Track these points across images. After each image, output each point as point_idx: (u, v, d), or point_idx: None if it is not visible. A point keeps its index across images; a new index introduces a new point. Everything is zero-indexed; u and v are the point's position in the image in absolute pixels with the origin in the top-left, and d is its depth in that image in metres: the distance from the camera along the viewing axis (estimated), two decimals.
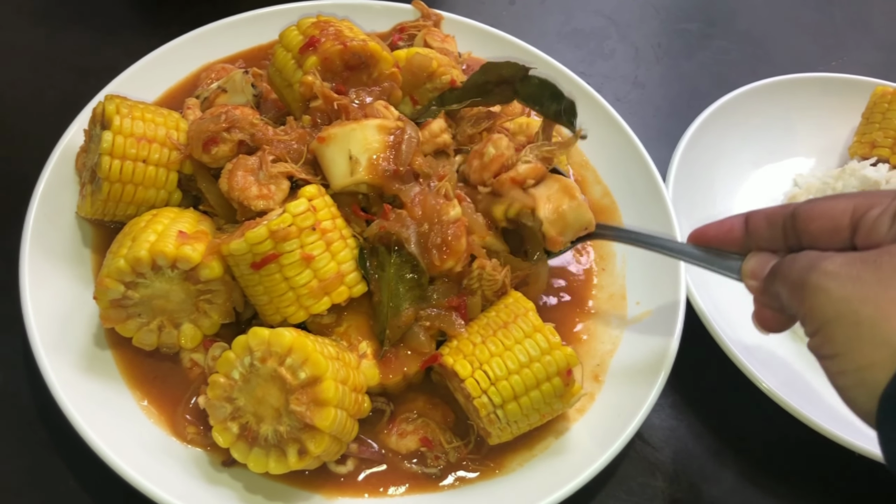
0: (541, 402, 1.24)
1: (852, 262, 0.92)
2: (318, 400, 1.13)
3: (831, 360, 0.93)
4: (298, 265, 1.23)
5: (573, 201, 1.35)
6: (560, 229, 1.34)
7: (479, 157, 1.39)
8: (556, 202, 1.35)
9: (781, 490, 1.42)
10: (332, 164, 1.31)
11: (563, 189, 1.37)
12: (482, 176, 1.38)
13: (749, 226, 1.13)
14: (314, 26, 1.47)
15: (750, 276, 1.12)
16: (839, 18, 2.31)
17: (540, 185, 1.37)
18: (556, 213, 1.34)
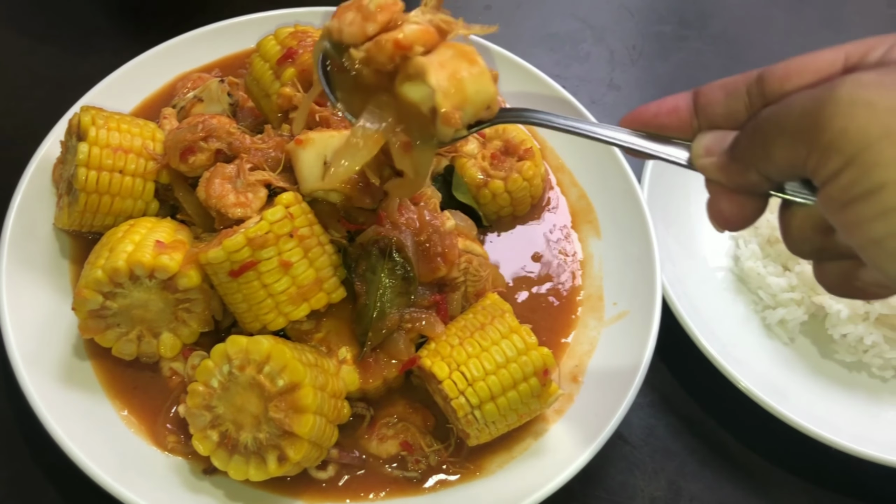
0: (518, 403, 1.25)
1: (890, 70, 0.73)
2: (296, 406, 1.14)
3: (865, 202, 0.71)
4: (276, 272, 1.24)
5: (474, 67, 1.06)
6: (457, 101, 1.04)
7: (356, 8, 1.08)
8: (452, 68, 1.04)
9: (759, 487, 1.44)
10: (305, 166, 1.32)
11: (461, 54, 1.06)
12: (363, 29, 1.06)
13: (700, 100, 0.92)
14: (292, 37, 1.47)
15: (704, 154, 0.90)
16: (812, 18, 2.33)
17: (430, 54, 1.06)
18: (453, 80, 1.03)
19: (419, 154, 1.11)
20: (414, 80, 1.05)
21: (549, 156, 1.72)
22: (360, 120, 1.10)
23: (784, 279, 1.60)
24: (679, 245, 1.65)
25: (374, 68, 1.08)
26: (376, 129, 1.09)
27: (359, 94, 1.12)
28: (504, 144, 1.60)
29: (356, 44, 1.07)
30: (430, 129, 1.07)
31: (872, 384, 1.56)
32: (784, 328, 1.58)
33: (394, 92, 1.08)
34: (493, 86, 1.07)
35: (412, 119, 1.08)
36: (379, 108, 1.10)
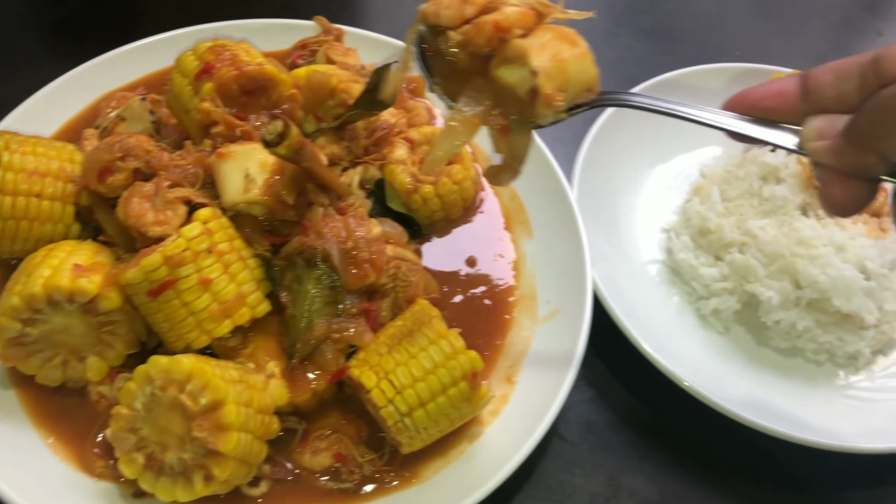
0: (448, 408, 1.25)
1: None
2: (219, 425, 1.13)
3: None
4: (196, 290, 1.23)
5: (576, 48, 1.05)
6: (560, 83, 1.03)
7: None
8: (553, 49, 1.04)
9: (699, 477, 1.45)
10: (226, 179, 1.31)
11: (562, 35, 1.06)
12: (461, 11, 1.06)
13: (809, 84, 0.92)
14: (210, 51, 1.46)
15: (816, 137, 0.89)
16: (741, 9, 2.36)
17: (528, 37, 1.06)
18: (555, 61, 1.02)
19: (517, 138, 1.10)
20: (511, 63, 1.04)
21: (481, 158, 1.72)
22: (458, 104, 1.10)
23: (716, 269, 1.61)
24: (611, 242, 1.66)
25: (471, 51, 1.08)
26: (474, 113, 1.10)
27: (454, 77, 1.12)
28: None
29: (454, 26, 1.07)
30: (527, 112, 1.06)
31: (807, 369, 1.57)
32: (718, 318, 1.59)
33: (489, 75, 1.07)
34: (594, 68, 1.06)
35: (509, 102, 1.07)
36: (476, 92, 1.09)
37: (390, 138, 1.57)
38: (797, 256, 1.53)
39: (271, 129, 1.21)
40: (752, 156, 1.73)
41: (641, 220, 1.73)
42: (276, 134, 1.21)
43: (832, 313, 1.54)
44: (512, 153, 1.12)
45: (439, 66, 1.13)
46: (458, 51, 1.09)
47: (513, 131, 1.10)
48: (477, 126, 1.10)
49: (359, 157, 1.54)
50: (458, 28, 1.07)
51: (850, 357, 1.58)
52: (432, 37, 1.11)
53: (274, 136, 1.21)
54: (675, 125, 1.83)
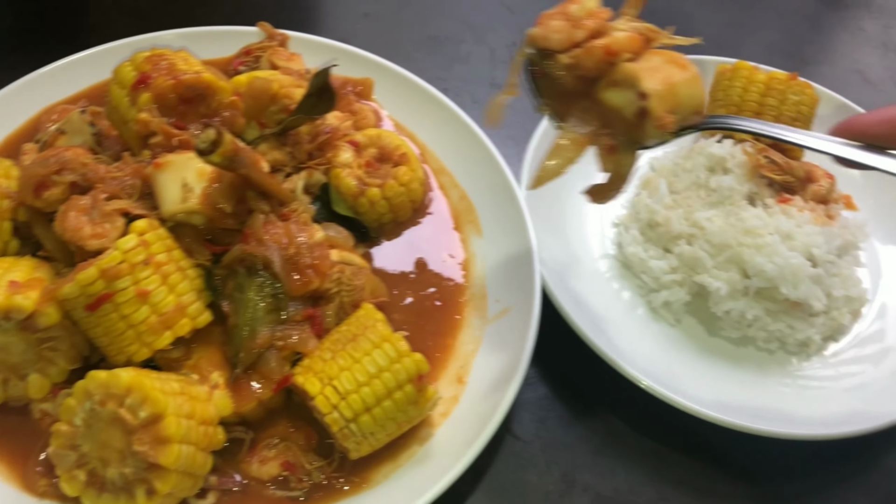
0: (395, 411, 1.24)
1: None
2: (159, 438, 1.12)
3: None
4: (134, 302, 1.21)
5: (686, 72, 1.12)
6: (670, 106, 1.09)
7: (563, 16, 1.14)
8: (664, 73, 1.10)
9: (653, 471, 1.45)
10: (164, 189, 1.30)
11: (671, 60, 1.13)
12: (571, 35, 1.13)
13: None
14: (147, 61, 1.44)
15: None
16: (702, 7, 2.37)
17: (638, 60, 1.13)
18: (666, 85, 1.08)
19: (622, 157, 1.17)
20: (619, 86, 1.11)
21: (430, 159, 1.72)
22: (568, 124, 1.19)
23: (665, 262, 1.61)
24: (561, 238, 1.66)
25: (578, 74, 1.14)
26: (582, 133, 1.18)
27: (560, 98, 1.20)
28: (379, 151, 1.60)
29: (563, 50, 1.13)
30: (633, 133, 1.12)
31: (759, 357, 1.58)
32: (669, 310, 1.60)
33: (596, 97, 1.14)
34: (703, 91, 1.11)
35: (616, 123, 1.14)
36: (583, 113, 1.17)
37: (334, 142, 1.57)
38: (744, 246, 1.54)
39: (204, 137, 1.20)
40: (698, 147, 1.74)
41: (593, 216, 1.73)
42: (209, 142, 1.20)
43: (781, 301, 1.55)
44: (618, 172, 1.20)
45: (546, 88, 1.21)
46: (565, 73, 1.15)
47: (619, 151, 1.17)
48: (585, 145, 1.18)
49: (303, 162, 1.53)
50: (566, 52, 1.13)
51: (801, 344, 1.58)
52: (540, 59, 1.17)
53: (207, 145, 1.20)
54: None
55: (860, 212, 1.80)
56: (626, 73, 1.09)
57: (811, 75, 1.81)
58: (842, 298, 1.59)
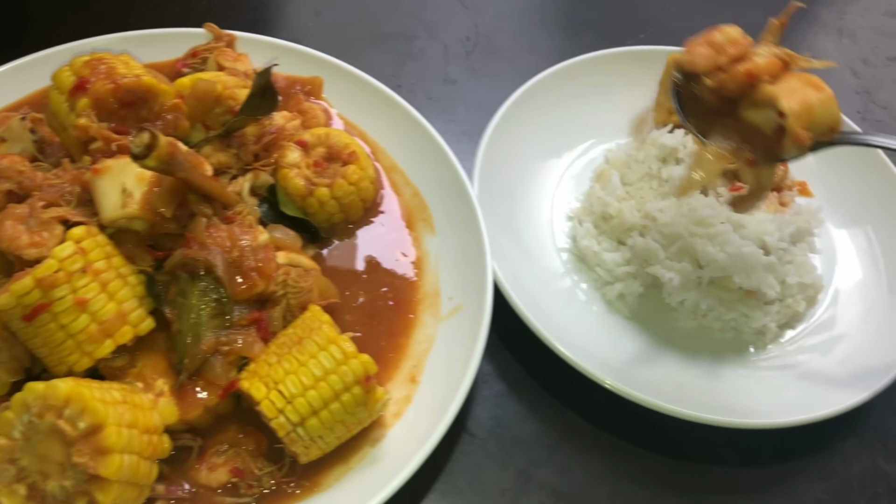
0: (343, 414, 1.23)
1: None
2: (100, 448, 1.09)
3: None
4: (72, 311, 1.19)
5: (822, 93, 1.25)
6: (806, 124, 1.23)
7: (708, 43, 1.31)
8: (801, 94, 1.24)
9: (610, 464, 1.44)
10: (103, 196, 1.28)
11: (808, 82, 1.27)
12: (715, 61, 1.29)
13: None
14: (86, 65, 1.42)
15: None
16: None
17: (777, 83, 1.28)
18: (803, 104, 1.23)
19: (762, 170, 1.31)
20: (759, 106, 1.27)
21: (382, 157, 1.70)
22: (711, 139, 1.35)
23: (618, 254, 1.61)
24: (516, 234, 1.65)
25: (721, 95, 1.30)
26: (724, 148, 1.33)
27: (703, 115, 1.36)
28: (327, 151, 1.58)
29: (707, 73, 1.29)
30: (773, 149, 1.26)
31: (716, 347, 1.58)
32: (623, 302, 1.59)
33: (737, 115, 1.30)
34: (838, 111, 1.25)
35: (755, 139, 1.28)
36: (725, 130, 1.33)
37: (281, 142, 1.55)
38: (696, 236, 1.53)
39: (138, 141, 1.18)
40: (651, 138, 1.73)
41: (550, 210, 1.72)
42: (144, 146, 1.18)
43: (734, 290, 1.55)
44: (758, 183, 1.33)
45: (691, 108, 1.37)
46: (709, 94, 1.31)
47: (758, 164, 1.31)
48: (727, 160, 1.33)
49: (249, 163, 1.51)
50: (711, 75, 1.29)
51: (758, 332, 1.58)
52: (686, 82, 1.34)
53: (141, 149, 1.18)
54: (580, 112, 1.86)
55: (815, 198, 1.80)
56: (766, 95, 1.23)
57: None
58: (796, 286, 1.59)
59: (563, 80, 1.87)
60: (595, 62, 1.92)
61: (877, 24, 2.44)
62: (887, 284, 1.66)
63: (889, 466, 1.50)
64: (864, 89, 2.24)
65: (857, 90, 2.23)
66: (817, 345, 1.60)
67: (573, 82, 1.88)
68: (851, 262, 1.73)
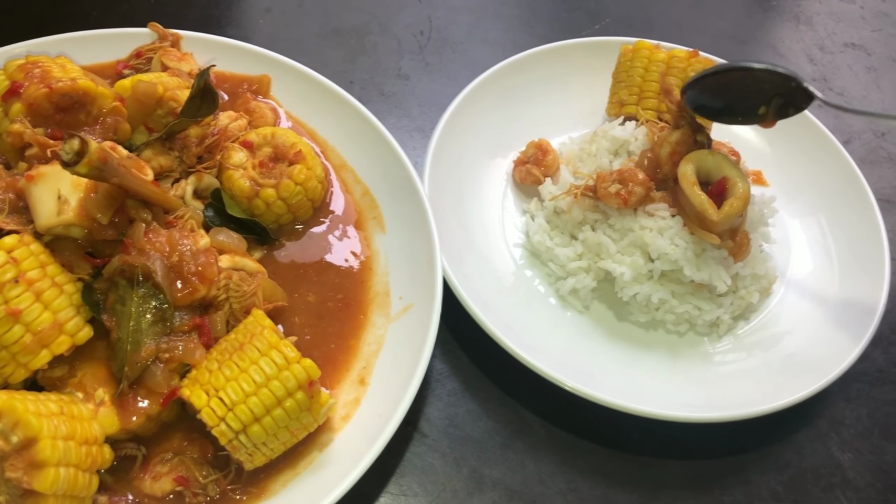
0: (287, 419, 1.21)
1: None
2: (34, 462, 1.07)
3: None
4: (5, 322, 1.17)
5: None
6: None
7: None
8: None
9: (565, 461, 1.43)
10: (38, 202, 1.25)
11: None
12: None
13: None
14: (20, 69, 1.39)
15: None
16: None
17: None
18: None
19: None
20: None
21: (331, 155, 1.68)
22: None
23: (571, 249, 1.60)
24: (468, 230, 1.63)
25: None
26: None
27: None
28: (273, 150, 1.56)
29: None
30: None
31: (670, 340, 1.57)
32: (577, 297, 1.58)
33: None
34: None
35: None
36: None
37: (224, 143, 1.53)
38: (646, 229, 1.53)
39: (67, 147, 1.15)
40: (602, 130, 1.72)
41: (501, 206, 1.71)
42: (73, 152, 1.15)
43: (686, 283, 1.54)
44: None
45: None
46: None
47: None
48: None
49: (192, 165, 1.49)
50: None
51: (711, 325, 1.58)
52: None
53: (71, 156, 1.15)
54: (535, 105, 1.84)
55: (770, 187, 1.80)
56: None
57: (723, 51, 1.80)
58: (749, 277, 1.59)
59: (515, 73, 1.85)
60: (548, 54, 1.90)
61: (833, 9, 2.44)
62: (839, 274, 1.67)
63: (843, 456, 1.50)
64: (820, 76, 2.25)
65: (814, 76, 2.23)
66: (771, 336, 1.60)
67: (526, 75, 1.87)
68: (804, 252, 1.72)
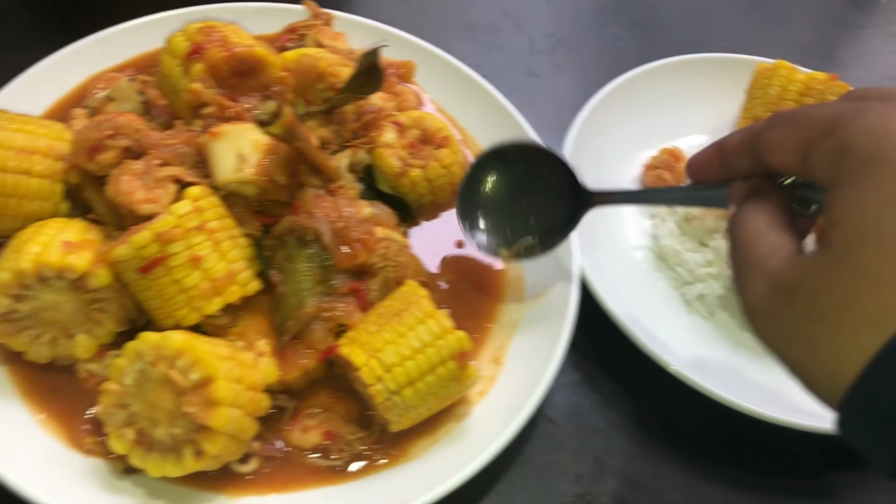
0: (437, 386, 1.26)
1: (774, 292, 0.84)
2: (210, 400, 1.13)
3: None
4: (186, 267, 1.23)
5: None
6: None
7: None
8: None
9: (683, 460, 1.46)
10: (219, 158, 1.31)
11: None
12: None
13: (722, 155, 1.02)
14: (200, 32, 1.46)
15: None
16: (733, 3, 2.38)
17: None
18: None
19: None
20: None
21: (470, 144, 1.73)
22: None
23: (700, 255, 1.63)
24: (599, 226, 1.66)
25: None
26: None
27: None
28: (422, 133, 1.61)
29: None
30: None
31: None
32: (703, 303, 1.61)
33: None
34: None
35: None
36: None
37: (379, 122, 1.58)
38: None
39: (266, 108, 1.22)
40: None
41: (631, 208, 1.75)
42: (270, 114, 1.22)
43: None
44: None
45: None
46: None
47: None
48: None
49: (347, 140, 1.55)
50: None
51: None
52: None
53: (268, 116, 1.22)
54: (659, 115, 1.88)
55: None
56: None
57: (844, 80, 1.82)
58: None
59: (646, 81, 1.89)
60: (680, 66, 1.94)
61: None
62: None
63: None
64: None
65: None
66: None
67: (656, 83, 1.90)
68: None
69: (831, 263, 0.77)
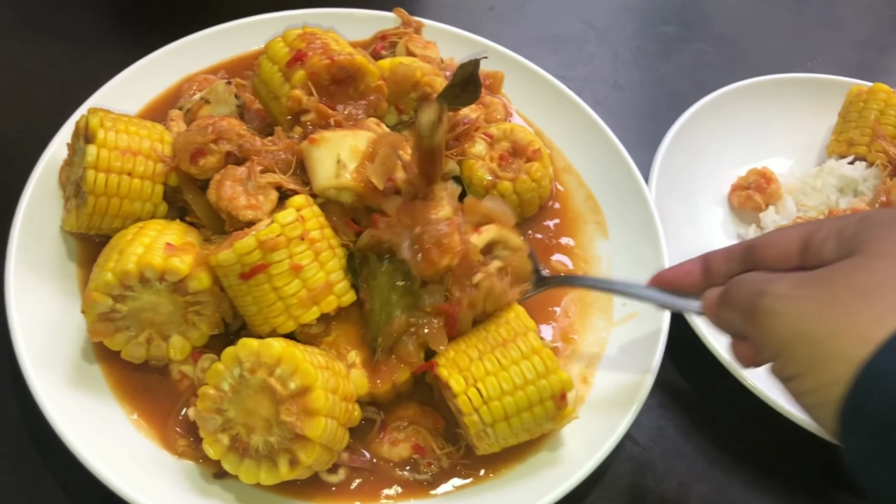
0: (531, 424, 1.24)
1: (803, 282, 0.92)
2: (307, 409, 1.13)
3: (794, 382, 0.92)
4: (287, 275, 1.23)
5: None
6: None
7: None
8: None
9: (769, 487, 1.43)
10: (318, 164, 1.31)
11: None
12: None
13: (707, 265, 1.14)
14: (300, 39, 1.46)
15: (708, 310, 1.11)
16: (812, 19, 2.34)
17: None
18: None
19: None
20: None
21: (557, 157, 1.72)
22: None
23: None
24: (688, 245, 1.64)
25: None
26: None
27: None
28: (512, 145, 1.60)
29: None
30: None
31: None
32: None
33: None
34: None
35: None
36: None
37: (470, 133, 1.57)
38: None
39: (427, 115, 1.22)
40: (829, 167, 1.72)
41: (718, 227, 1.72)
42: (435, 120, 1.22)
43: None
44: None
45: None
46: None
47: None
48: None
49: None
50: None
51: None
52: None
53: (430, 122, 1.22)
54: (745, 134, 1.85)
55: None
56: None
57: None
58: None
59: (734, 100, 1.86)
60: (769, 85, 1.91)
61: None
62: None
63: None
64: None
65: None
66: None
67: (745, 103, 1.87)
68: None
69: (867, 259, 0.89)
